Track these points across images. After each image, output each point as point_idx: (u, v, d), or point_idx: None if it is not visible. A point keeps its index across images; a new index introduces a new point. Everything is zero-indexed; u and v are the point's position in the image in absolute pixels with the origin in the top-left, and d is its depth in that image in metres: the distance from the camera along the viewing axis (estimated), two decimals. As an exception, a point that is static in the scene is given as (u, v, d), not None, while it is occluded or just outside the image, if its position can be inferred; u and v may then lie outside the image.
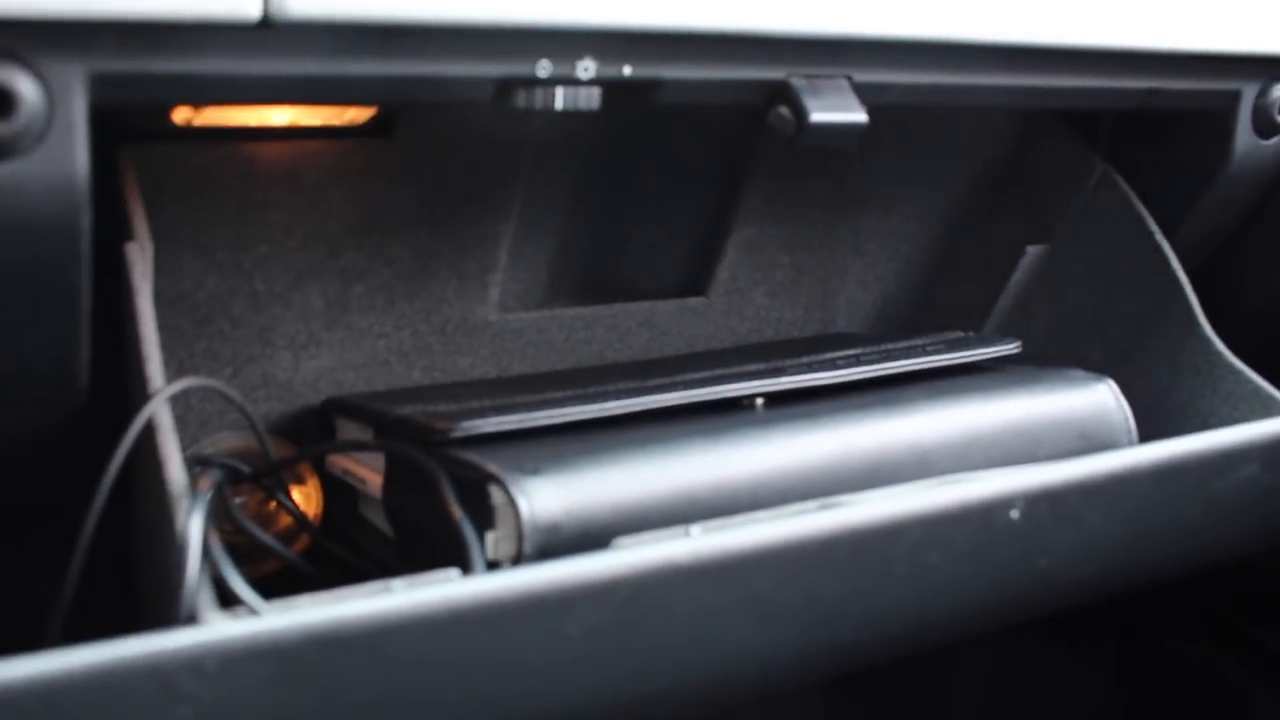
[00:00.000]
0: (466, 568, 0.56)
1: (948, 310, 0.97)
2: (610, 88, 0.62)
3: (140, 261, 0.60)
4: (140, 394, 0.58)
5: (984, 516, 0.59)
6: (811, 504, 0.60)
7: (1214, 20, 0.79)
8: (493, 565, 0.57)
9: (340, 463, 0.75)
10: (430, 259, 0.78)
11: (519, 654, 0.47)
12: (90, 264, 0.56)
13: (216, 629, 0.42)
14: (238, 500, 0.75)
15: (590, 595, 0.49)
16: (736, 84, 0.66)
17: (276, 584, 0.58)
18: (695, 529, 0.56)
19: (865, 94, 0.68)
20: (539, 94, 0.61)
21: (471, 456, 0.61)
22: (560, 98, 0.61)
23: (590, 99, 0.62)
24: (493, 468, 0.59)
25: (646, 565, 0.50)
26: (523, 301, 0.85)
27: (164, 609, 0.49)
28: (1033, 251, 0.93)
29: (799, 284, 0.93)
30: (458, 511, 0.58)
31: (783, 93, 0.66)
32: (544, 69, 0.60)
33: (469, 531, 0.57)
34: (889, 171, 0.93)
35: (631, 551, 0.50)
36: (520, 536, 0.56)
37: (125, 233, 0.63)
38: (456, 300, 0.80)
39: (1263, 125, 0.87)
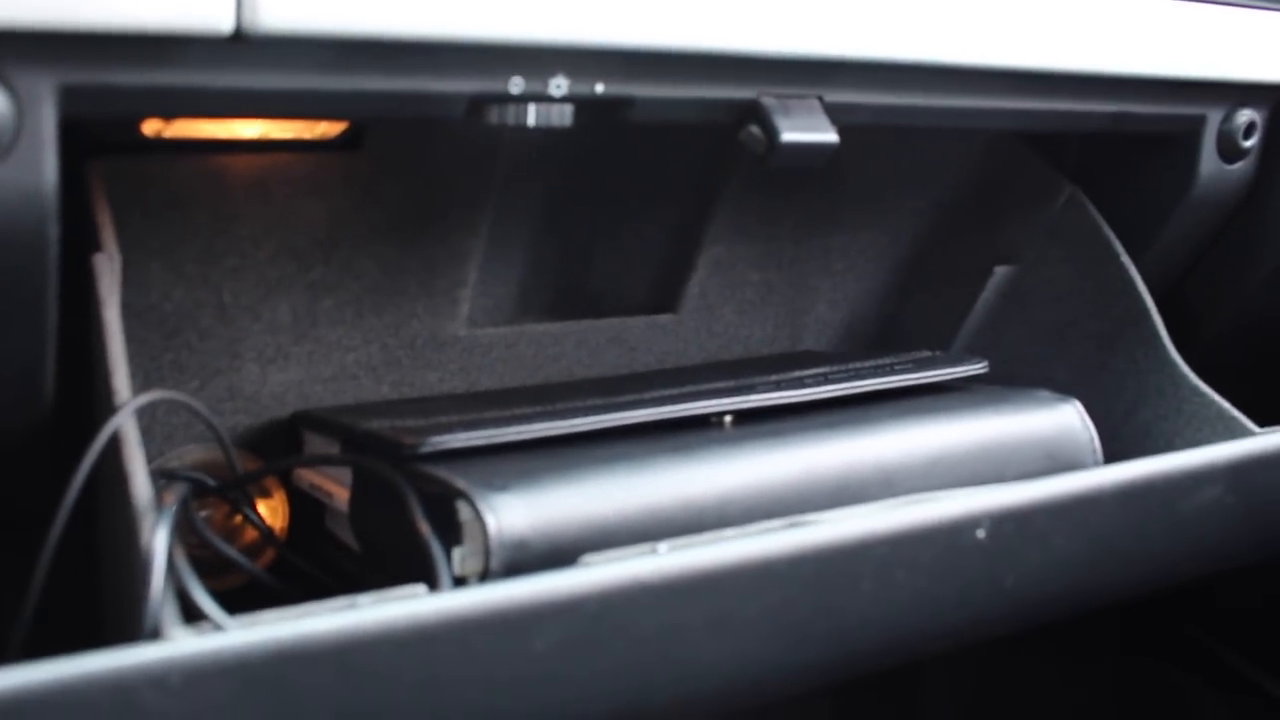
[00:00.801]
0: (433, 584, 0.56)
1: (916, 329, 0.97)
2: (582, 105, 0.62)
3: (108, 274, 0.60)
4: (106, 406, 0.57)
5: (950, 536, 0.59)
6: (778, 522, 0.61)
7: (1180, 46, 0.80)
8: (460, 581, 0.57)
9: (307, 477, 0.74)
10: (399, 274, 0.78)
11: (485, 671, 0.47)
12: (57, 276, 0.56)
13: (181, 644, 0.42)
14: (203, 514, 0.74)
15: (556, 612, 0.49)
16: (708, 103, 0.66)
17: (242, 598, 0.58)
18: (663, 546, 0.56)
19: (836, 114, 0.68)
20: (511, 111, 0.61)
21: (439, 472, 0.61)
22: (533, 115, 0.61)
23: (563, 116, 0.62)
24: (460, 483, 0.59)
25: (612, 582, 0.50)
26: (492, 317, 0.85)
27: (128, 623, 0.49)
28: (1000, 272, 0.94)
29: (768, 302, 0.94)
30: (425, 527, 0.58)
31: (754, 112, 0.67)
32: (516, 86, 0.60)
33: (435, 547, 0.57)
34: (858, 191, 0.93)
35: (597, 569, 0.50)
36: (487, 553, 0.56)
37: (93, 245, 0.62)
38: (426, 315, 0.80)
39: (1227, 150, 0.88)
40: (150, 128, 0.67)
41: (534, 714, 0.49)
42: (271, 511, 0.76)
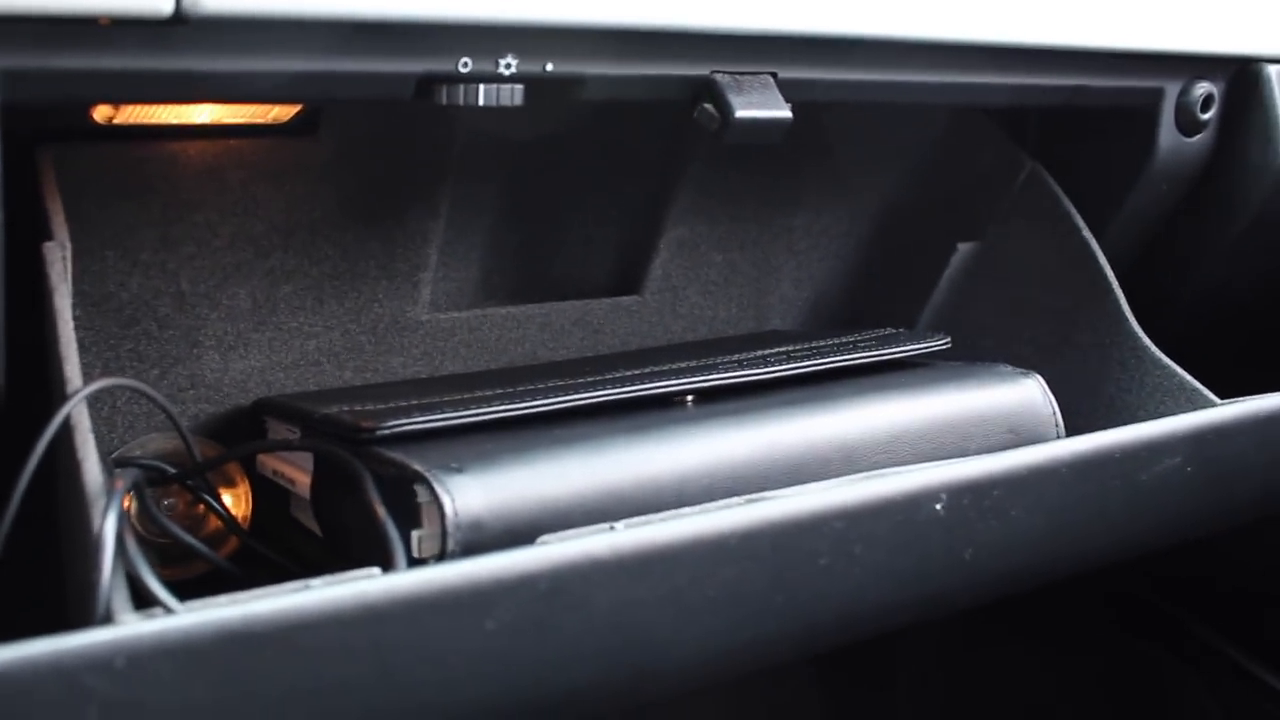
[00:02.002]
0: (390, 567, 0.55)
1: (880, 307, 0.97)
2: (533, 84, 0.62)
3: (58, 261, 0.60)
4: (60, 395, 0.57)
5: (907, 509, 0.60)
6: (738, 500, 0.61)
7: (1136, 19, 0.80)
8: (419, 564, 0.57)
9: (271, 464, 0.74)
10: (359, 258, 0.78)
11: (436, 650, 0.47)
12: (5, 264, 0.56)
13: (125, 628, 0.42)
14: (167, 502, 0.74)
15: (508, 590, 0.48)
16: (661, 80, 0.66)
17: (205, 587, 0.57)
18: (619, 525, 0.56)
19: (790, 90, 0.68)
20: (461, 90, 0.60)
21: (397, 455, 0.60)
22: (482, 94, 0.61)
23: (513, 95, 0.62)
24: (417, 465, 0.58)
25: (565, 560, 0.50)
26: (454, 301, 0.85)
27: (83, 610, 0.49)
28: (963, 249, 0.94)
29: (732, 282, 0.94)
30: (381, 510, 0.58)
31: (708, 89, 0.67)
32: (465, 65, 0.60)
33: (391, 530, 0.57)
34: (821, 171, 0.93)
35: (549, 547, 0.50)
36: (444, 534, 0.56)
37: (43, 232, 0.62)
38: (387, 300, 0.80)
39: (1185, 123, 0.89)
40: (101, 114, 0.67)
41: (486, 691, 0.49)
42: (236, 500, 0.76)
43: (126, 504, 0.68)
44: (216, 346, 0.75)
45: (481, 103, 0.61)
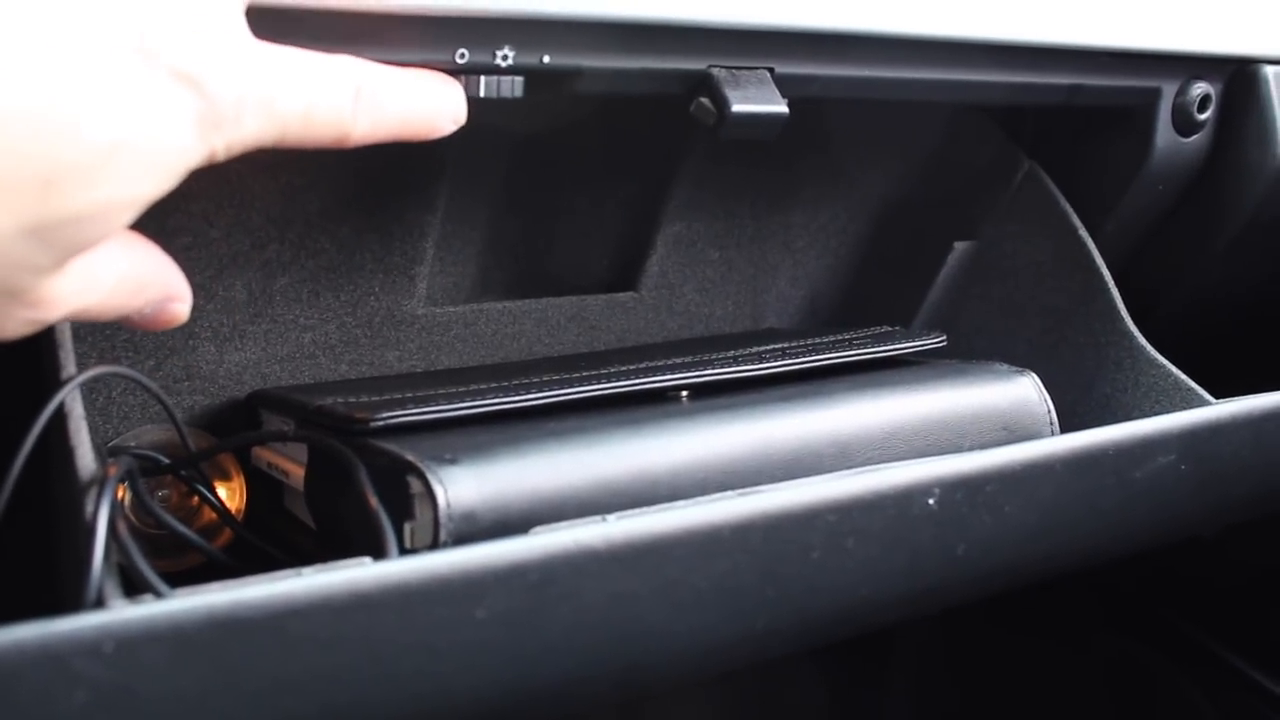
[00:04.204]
0: (383, 558, 0.55)
1: (876, 306, 0.97)
2: (529, 76, 0.62)
3: None
4: (54, 383, 0.57)
5: (900, 504, 0.60)
6: (731, 494, 0.61)
7: (1134, 18, 0.80)
8: (411, 555, 0.57)
9: (265, 456, 0.74)
10: (355, 251, 0.78)
11: (426, 639, 0.47)
12: None
13: (112, 612, 0.42)
14: (161, 494, 0.74)
15: (499, 580, 0.48)
16: (657, 74, 0.66)
17: (200, 579, 0.57)
18: (612, 518, 0.56)
19: (787, 86, 0.68)
20: (461, 82, 0.61)
21: (390, 446, 0.60)
22: (483, 85, 0.61)
23: (514, 87, 0.62)
24: (410, 456, 0.58)
25: (557, 550, 0.50)
26: (450, 295, 0.85)
27: (74, 596, 0.49)
28: (960, 248, 0.94)
29: (728, 280, 0.94)
30: (374, 500, 0.58)
31: (704, 83, 0.67)
32: (462, 57, 0.60)
33: (384, 520, 0.57)
34: (818, 168, 0.93)
35: (541, 537, 0.50)
36: (436, 525, 0.56)
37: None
38: (383, 293, 0.80)
39: (1182, 124, 0.89)
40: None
41: (476, 680, 0.49)
42: (230, 493, 0.76)
43: (120, 494, 0.68)
44: (212, 338, 0.75)
45: (482, 94, 0.61)
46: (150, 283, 0.57)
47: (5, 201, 0.43)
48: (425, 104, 0.59)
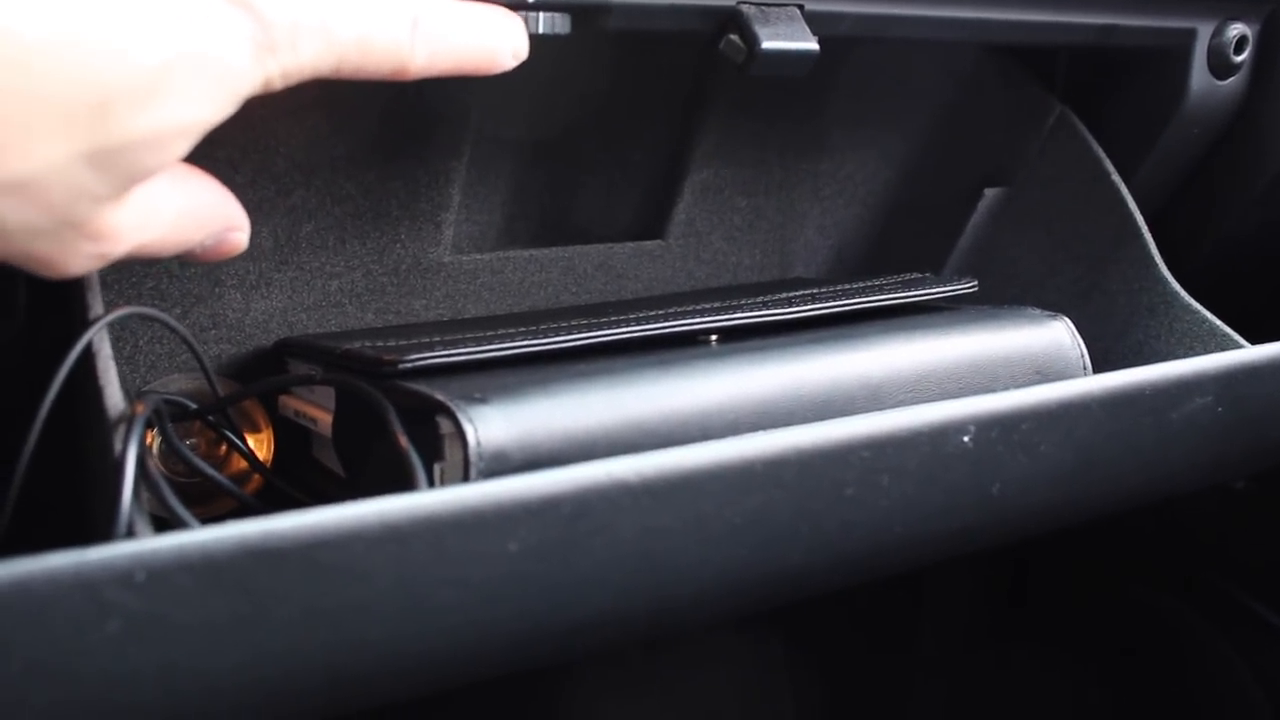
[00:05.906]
0: (412, 495, 0.55)
1: (906, 254, 0.96)
2: (557, 11, 0.62)
3: None
4: (81, 324, 0.57)
5: (935, 441, 0.59)
6: (761, 434, 0.60)
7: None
8: (441, 491, 0.56)
9: (292, 404, 0.74)
10: (381, 198, 0.77)
11: (458, 572, 0.47)
12: None
13: (144, 541, 0.41)
14: (189, 442, 0.74)
15: (532, 512, 0.48)
16: (687, 10, 0.65)
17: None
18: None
19: (817, 24, 0.68)
20: None
21: (419, 387, 0.60)
22: (541, 22, 0.61)
23: (564, 24, 0.62)
24: (440, 396, 0.58)
25: (589, 483, 0.49)
26: (477, 243, 0.84)
27: (104, 533, 0.49)
28: (990, 194, 0.93)
29: (756, 228, 0.93)
30: (404, 440, 0.58)
31: (734, 20, 0.66)
32: (491, -7, 0.59)
33: (414, 460, 0.56)
34: (845, 115, 0.92)
35: (574, 469, 0.49)
36: (467, 464, 0.56)
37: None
38: (409, 240, 0.79)
39: (1218, 66, 0.87)
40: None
41: (507, 613, 0.49)
42: (258, 444, 0.76)
43: (150, 441, 0.68)
44: (239, 286, 0.75)
45: (540, 30, 0.61)
46: (211, 215, 0.56)
47: (60, 127, 0.43)
48: (485, 37, 0.58)
